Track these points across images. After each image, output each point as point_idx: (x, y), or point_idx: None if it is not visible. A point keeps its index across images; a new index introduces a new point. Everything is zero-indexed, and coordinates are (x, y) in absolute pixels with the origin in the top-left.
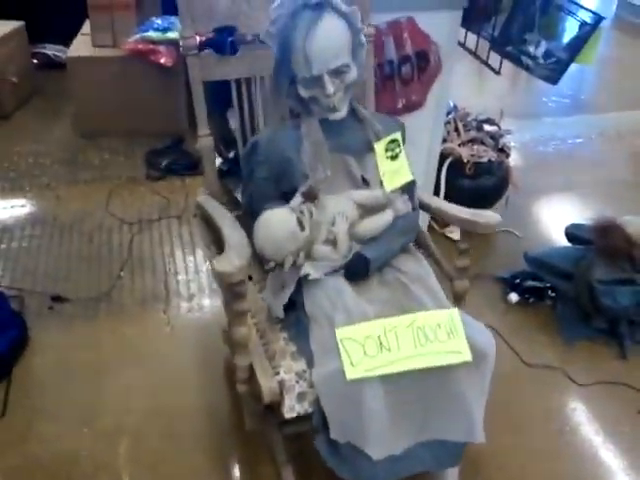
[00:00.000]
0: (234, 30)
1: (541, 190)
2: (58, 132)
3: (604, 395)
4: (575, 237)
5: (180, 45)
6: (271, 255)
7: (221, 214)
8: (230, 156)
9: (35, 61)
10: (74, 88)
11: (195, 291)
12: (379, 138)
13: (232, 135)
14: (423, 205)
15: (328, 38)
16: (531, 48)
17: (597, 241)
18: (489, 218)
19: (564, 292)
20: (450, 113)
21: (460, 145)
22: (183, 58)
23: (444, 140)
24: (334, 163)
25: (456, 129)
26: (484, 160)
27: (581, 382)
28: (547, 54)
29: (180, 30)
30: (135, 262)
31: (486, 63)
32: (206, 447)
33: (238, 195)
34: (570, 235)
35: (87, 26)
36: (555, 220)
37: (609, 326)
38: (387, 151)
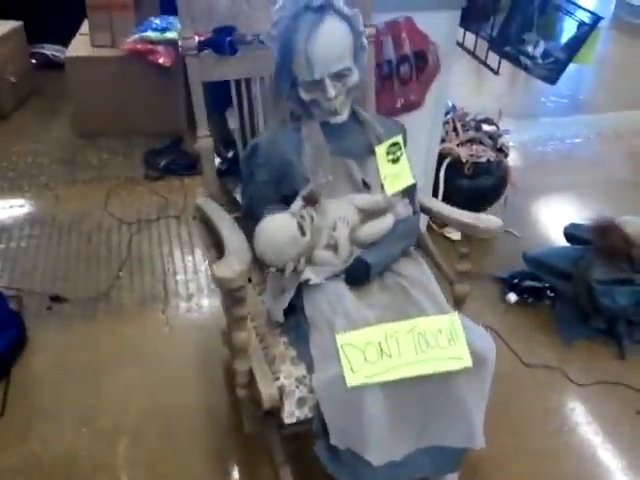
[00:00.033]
0: (233, 30)
1: (540, 190)
2: (57, 132)
3: (603, 395)
4: (574, 237)
5: (179, 45)
6: (272, 261)
7: (220, 217)
8: (229, 156)
9: (34, 61)
10: (72, 88)
11: (194, 291)
12: (380, 141)
13: (231, 135)
14: (424, 208)
15: (330, 41)
16: (529, 48)
17: (596, 241)
18: (489, 223)
19: (563, 292)
20: (449, 113)
21: (459, 145)
22: (182, 58)
23: (443, 140)
24: (335, 167)
25: (455, 129)
26: (483, 160)
27: (580, 382)
28: (545, 54)
29: (179, 30)
30: (134, 262)
31: (484, 63)
32: (205, 447)
33: (237, 195)
34: (569, 235)
35: (85, 26)
36: (554, 220)
37: (608, 326)
38: (388, 154)
